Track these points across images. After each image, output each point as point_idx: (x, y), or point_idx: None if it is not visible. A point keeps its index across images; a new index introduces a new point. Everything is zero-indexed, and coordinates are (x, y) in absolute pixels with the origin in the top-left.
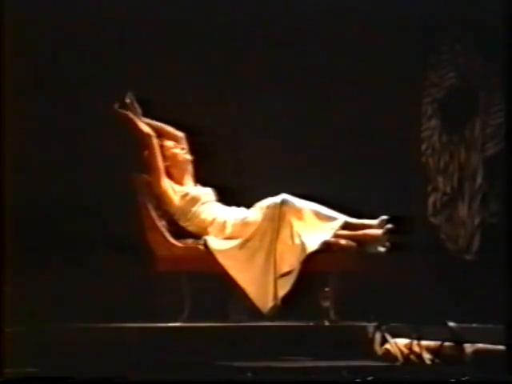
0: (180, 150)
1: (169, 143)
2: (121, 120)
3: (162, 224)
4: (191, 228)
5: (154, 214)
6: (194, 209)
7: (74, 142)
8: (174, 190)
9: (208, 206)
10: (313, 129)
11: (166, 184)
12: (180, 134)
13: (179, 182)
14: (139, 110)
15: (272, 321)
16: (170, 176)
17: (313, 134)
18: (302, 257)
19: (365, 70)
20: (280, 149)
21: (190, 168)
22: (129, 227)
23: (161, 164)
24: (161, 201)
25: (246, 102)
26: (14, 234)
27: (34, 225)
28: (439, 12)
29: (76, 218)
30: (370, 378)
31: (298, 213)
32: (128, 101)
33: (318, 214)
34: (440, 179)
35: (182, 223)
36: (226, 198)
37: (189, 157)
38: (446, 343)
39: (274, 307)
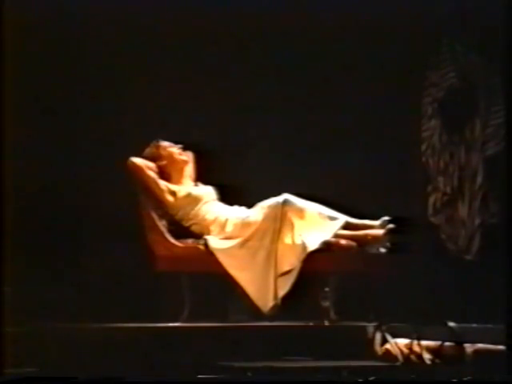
0: (177, 150)
1: (165, 143)
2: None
3: (162, 224)
4: (194, 228)
5: (153, 214)
6: (196, 208)
7: (74, 141)
8: (172, 191)
9: (210, 205)
10: (314, 129)
11: (165, 194)
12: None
13: (177, 181)
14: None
15: (272, 321)
16: (167, 175)
17: (314, 134)
18: (303, 256)
19: (365, 71)
20: (281, 149)
21: (188, 168)
22: (129, 227)
23: (159, 185)
24: (162, 204)
25: (248, 101)
26: (13, 234)
27: (34, 225)
28: (439, 12)
29: (76, 218)
30: (370, 378)
31: (300, 213)
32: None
33: (319, 214)
34: (440, 179)
35: (185, 223)
36: (228, 197)
37: (186, 157)
38: (446, 343)
39: (274, 307)
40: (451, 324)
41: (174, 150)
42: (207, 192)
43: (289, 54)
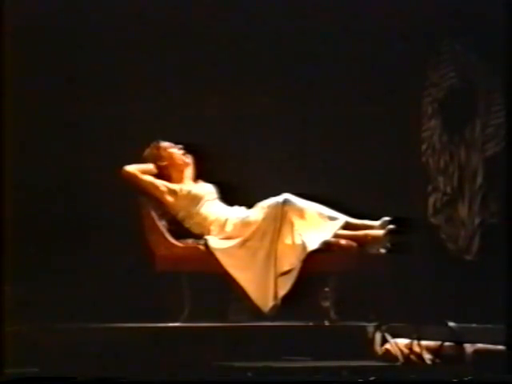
0: (177, 151)
1: (165, 144)
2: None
3: (162, 224)
4: (195, 227)
5: (153, 214)
6: (197, 207)
7: (74, 141)
8: (173, 190)
9: (210, 204)
10: (313, 129)
11: (165, 195)
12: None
13: (178, 182)
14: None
15: (272, 321)
16: (167, 176)
17: (314, 134)
18: (303, 256)
19: (365, 70)
20: (281, 149)
21: (188, 168)
22: (129, 227)
23: (159, 187)
24: (163, 205)
25: (247, 101)
26: (14, 234)
27: (34, 225)
28: (439, 12)
29: (76, 217)
30: (370, 378)
31: (300, 212)
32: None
33: (319, 214)
34: (440, 179)
35: (187, 224)
36: (228, 197)
37: (186, 158)
38: (446, 343)
39: (274, 307)
40: (451, 324)
41: (175, 150)
42: (208, 190)
43: (289, 54)
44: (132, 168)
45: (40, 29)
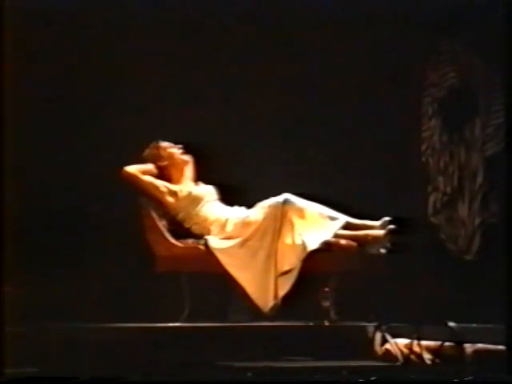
0: (177, 150)
1: (165, 144)
2: None
3: (162, 224)
4: (195, 228)
5: (154, 214)
6: (197, 208)
7: (74, 141)
8: (173, 192)
9: (210, 205)
10: (314, 129)
11: (165, 195)
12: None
13: (178, 182)
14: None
15: (272, 321)
16: (168, 176)
17: (314, 134)
18: (303, 255)
19: (365, 71)
20: (281, 149)
21: (188, 168)
22: (129, 227)
23: (159, 187)
24: (163, 205)
25: (247, 101)
26: (13, 234)
27: (33, 225)
28: (439, 12)
29: (76, 217)
30: (370, 378)
31: (300, 212)
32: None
33: (319, 214)
34: (440, 179)
35: (187, 224)
36: (228, 197)
37: (186, 158)
38: (446, 343)
39: (274, 307)
40: (451, 324)
41: (175, 150)
42: (208, 191)
43: (288, 54)
44: (132, 168)
45: (39, 28)
